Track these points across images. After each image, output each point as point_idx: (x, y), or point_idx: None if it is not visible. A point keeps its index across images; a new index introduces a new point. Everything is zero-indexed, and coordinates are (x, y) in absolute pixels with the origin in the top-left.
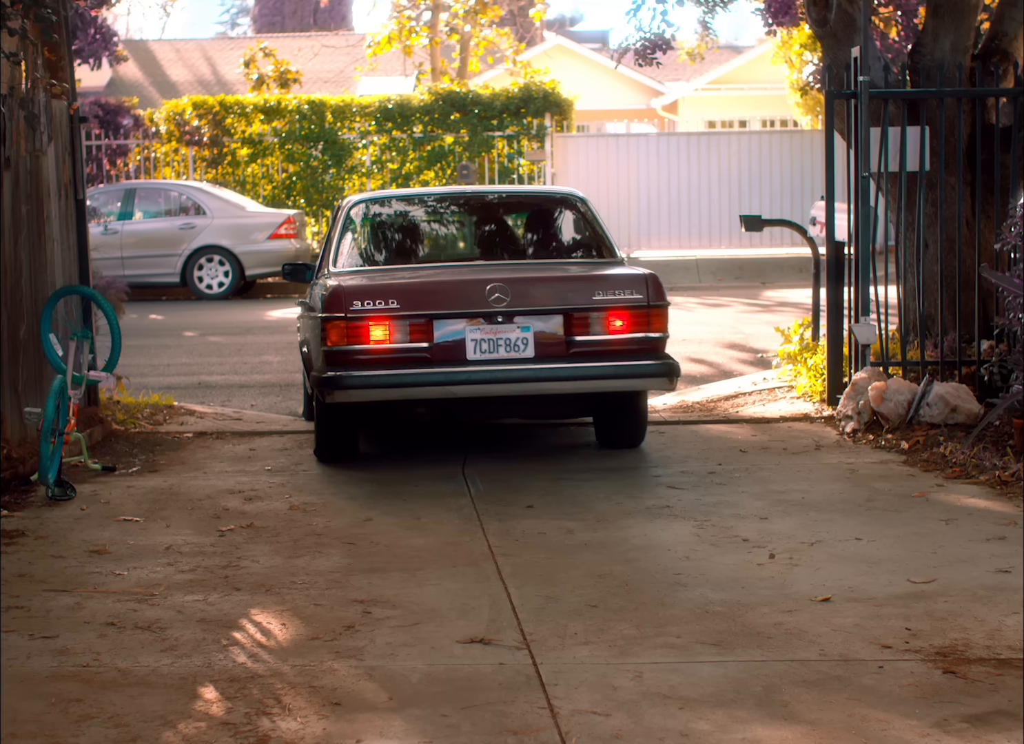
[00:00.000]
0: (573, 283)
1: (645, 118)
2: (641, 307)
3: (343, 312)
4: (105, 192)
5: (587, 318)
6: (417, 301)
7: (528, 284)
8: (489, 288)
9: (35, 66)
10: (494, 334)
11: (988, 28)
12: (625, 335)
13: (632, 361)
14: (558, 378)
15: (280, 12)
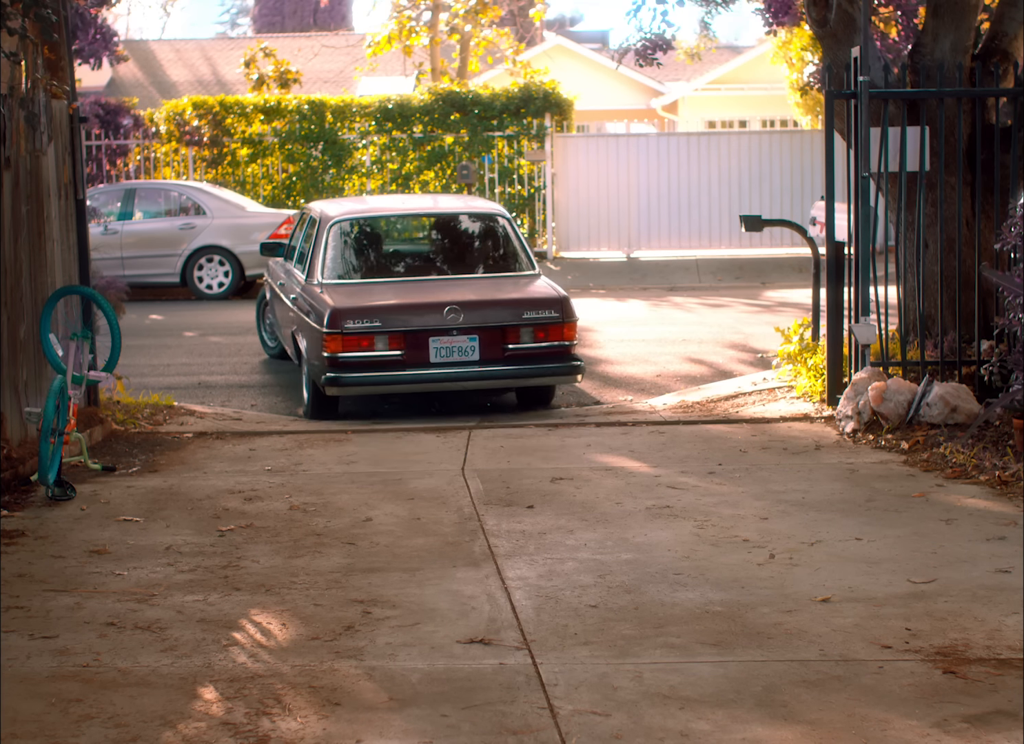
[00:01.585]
0: (508, 305)
1: (645, 118)
2: (557, 322)
3: (340, 329)
4: (105, 192)
5: (518, 331)
6: (394, 320)
7: (475, 305)
8: (447, 310)
9: (35, 66)
10: (450, 343)
11: (988, 28)
12: (546, 344)
13: (551, 364)
14: (497, 377)
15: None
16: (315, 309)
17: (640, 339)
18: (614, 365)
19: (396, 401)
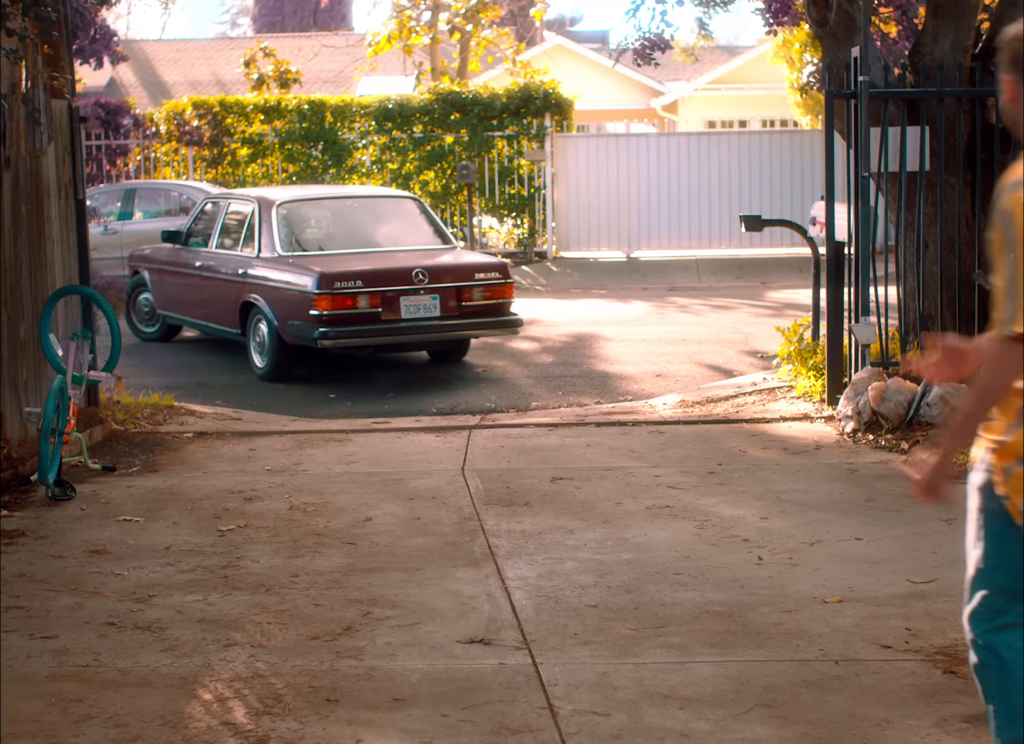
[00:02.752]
0: (463, 268)
1: (645, 118)
2: (501, 283)
3: (331, 289)
4: (105, 192)
5: (471, 290)
6: (373, 281)
7: (437, 268)
8: (415, 273)
9: (35, 65)
10: (417, 301)
11: (988, 28)
12: (492, 301)
13: (497, 317)
14: (455, 329)
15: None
16: (295, 276)
17: (640, 339)
18: (614, 365)
19: (394, 397)
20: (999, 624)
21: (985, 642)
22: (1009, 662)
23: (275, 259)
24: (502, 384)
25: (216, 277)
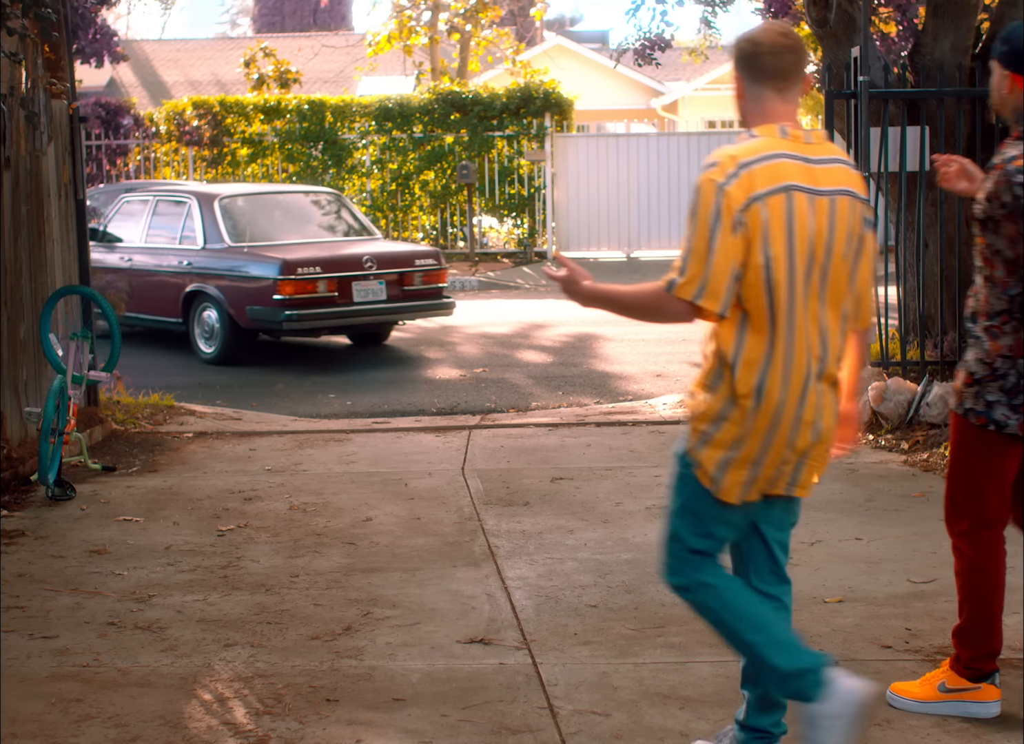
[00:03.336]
0: (406, 256)
1: (645, 118)
2: (437, 269)
3: (294, 275)
4: (105, 192)
5: (413, 276)
6: (330, 267)
7: (384, 256)
8: (364, 259)
9: (35, 65)
10: (367, 286)
11: (988, 28)
12: (430, 286)
13: (434, 300)
14: (399, 311)
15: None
16: (254, 264)
17: (640, 339)
18: (614, 365)
19: (394, 397)
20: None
21: (687, 584)
22: (716, 583)
23: (225, 250)
24: (502, 384)
25: (153, 270)
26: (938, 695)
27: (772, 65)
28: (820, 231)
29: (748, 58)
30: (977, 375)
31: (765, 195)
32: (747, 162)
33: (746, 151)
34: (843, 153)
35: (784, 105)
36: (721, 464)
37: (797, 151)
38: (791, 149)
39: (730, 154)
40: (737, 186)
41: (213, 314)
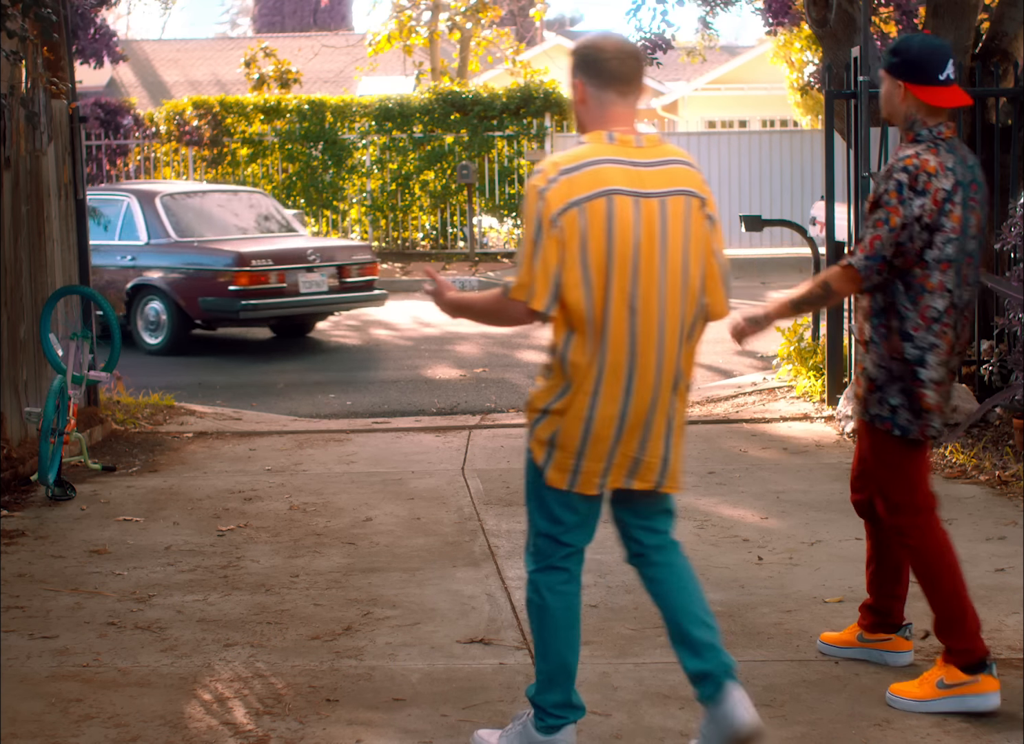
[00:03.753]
0: (345, 250)
1: (645, 118)
2: (371, 263)
3: (249, 267)
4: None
5: (351, 269)
6: (280, 260)
7: (325, 249)
8: (309, 252)
9: (35, 65)
10: (311, 278)
11: (988, 28)
12: (365, 278)
13: (369, 292)
14: (340, 302)
15: (280, 12)
16: (207, 257)
17: None
18: None
19: (394, 396)
20: (546, 565)
21: (532, 579)
22: (548, 603)
23: (172, 244)
24: (502, 384)
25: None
26: (937, 692)
27: (617, 70)
28: (650, 232)
29: (593, 63)
30: (878, 380)
31: (584, 200)
32: (568, 168)
33: (568, 158)
34: (681, 154)
35: (626, 109)
36: (547, 454)
37: (624, 156)
38: (617, 154)
39: (553, 161)
40: (555, 191)
41: (157, 306)
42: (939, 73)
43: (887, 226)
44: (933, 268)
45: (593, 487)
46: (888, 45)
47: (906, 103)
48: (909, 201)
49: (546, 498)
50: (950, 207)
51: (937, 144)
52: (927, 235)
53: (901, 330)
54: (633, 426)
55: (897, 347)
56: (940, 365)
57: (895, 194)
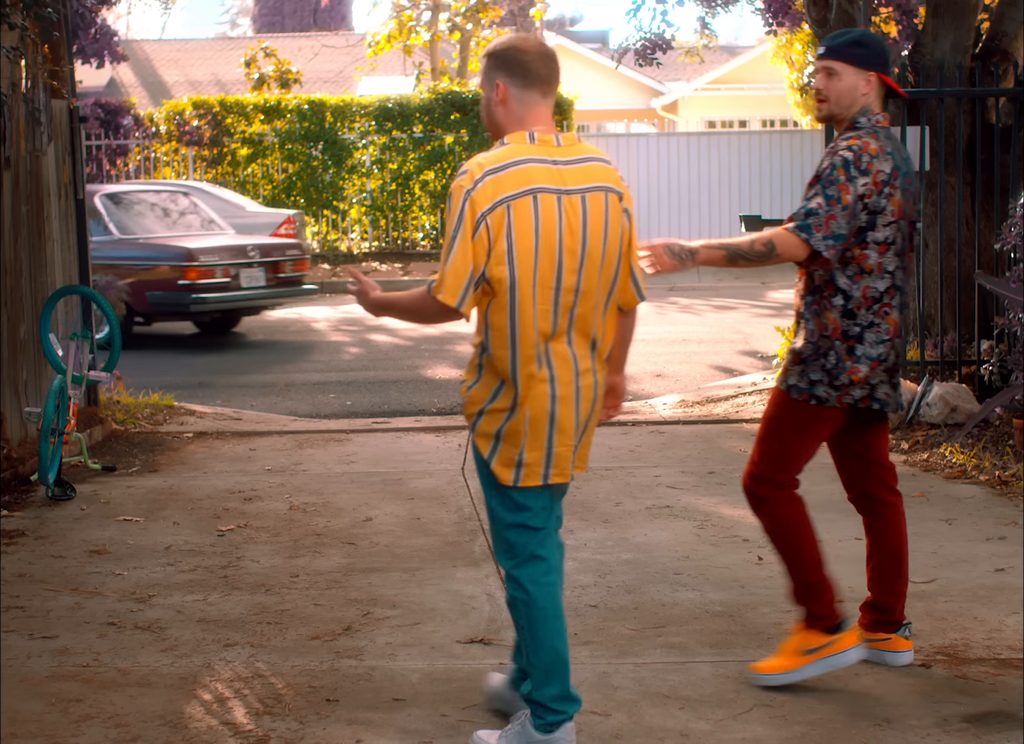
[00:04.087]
0: (280, 247)
1: (645, 118)
2: (302, 259)
3: (198, 262)
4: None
5: (285, 264)
6: (225, 255)
7: (263, 246)
8: (249, 248)
9: (35, 65)
10: (251, 273)
11: (988, 28)
12: (297, 273)
13: (301, 286)
14: (277, 296)
15: (280, 12)
16: (156, 253)
17: (640, 339)
18: None
19: (394, 396)
20: (524, 557)
21: (514, 576)
22: (534, 596)
23: (116, 241)
24: None
25: None
26: (803, 659)
27: (540, 70)
28: (572, 228)
29: (517, 65)
30: (804, 354)
31: (510, 198)
32: (493, 169)
33: (493, 159)
34: (598, 152)
35: (546, 109)
36: (491, 449)
37: (545, 155)
38: (539, 154)
39: (479, 162)
40: (481, 191)
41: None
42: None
43: (840, 205)
44: (872, 249)
45: (537, 477)
46: (841, 39)
47: (868, 94)
48: (855, 179)
49: (505, 489)
50: (890, 190)
51: (876, 131)
52: (868, 216)
53: (844, 308)
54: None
55: (837, 325)
56: (880, 343)
57: (842, 171)
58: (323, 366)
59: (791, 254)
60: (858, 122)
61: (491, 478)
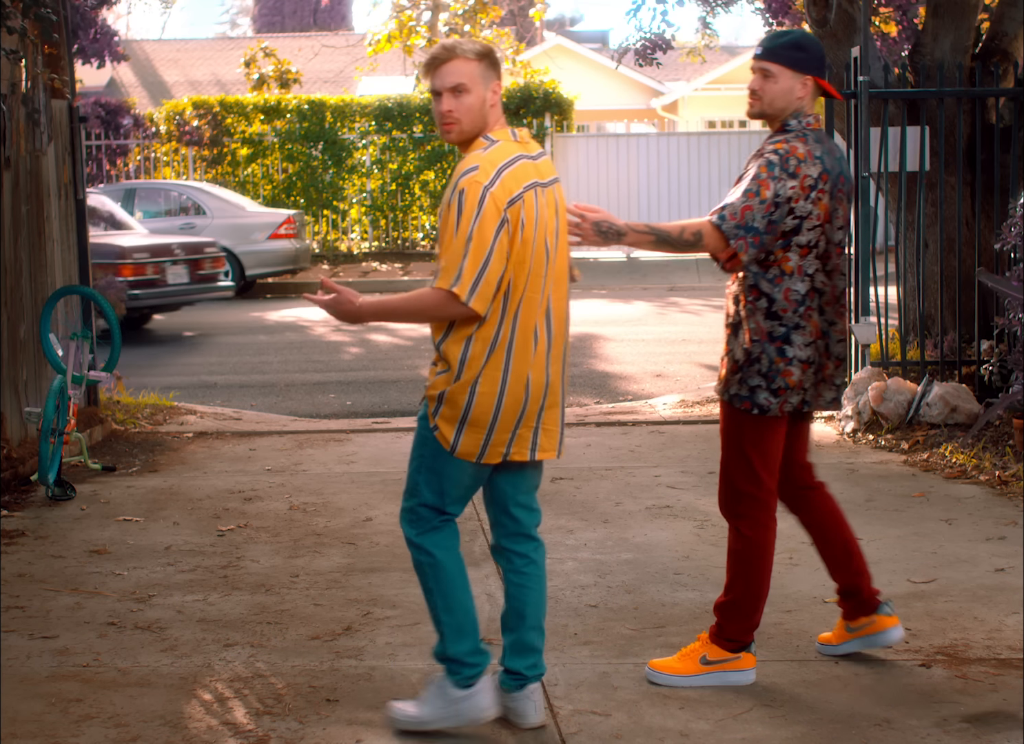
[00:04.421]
0: (200, 245)
1: (645, 118)
2: (220, 256)
3: (132, 259)
4: (105, 192)
5: (204, 262)
6: (155, 253)
7: (185, 245)
8: (173, 247)
9: (35, 65)
10: (177, 270)
11: (988, 28)
12: (217, 270)
13: (221, 282)
14: (200, 291)
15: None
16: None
17: (640, 339)
18: (614, 365)
19: (394, 396)
20: (428, 529)
21: (418, 543)
22: (440, 558)
23: None
24: None
25: None
26: (700, 668)
27: None
28: (550, 218)
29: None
30: (740, 362)
31: (521, 194)
32: (504, 165)
33: (499, 155)
34: (541, 146)
35: None
36: (457, 428)
37: (526, 151)
38: (522, 150)
39: (488, 159)
40: (501, 187)
41: None
42: None
43: (758, 198)
44: (793, 252)
45: (498, 456)
46: (780, 41)
47: (803, 98)
48: (781, 180)
49: (441, 472)
50: (817, 194)
51: (805, 134)
52: (794, 221)
53: (768, 311)
54: (532, 403)
55: (762, 328)
56: (807, 345)
57: (765, 169)
58: (323, 366)
59: (714, 245)
60: (788, 124)
61: (437, 457)
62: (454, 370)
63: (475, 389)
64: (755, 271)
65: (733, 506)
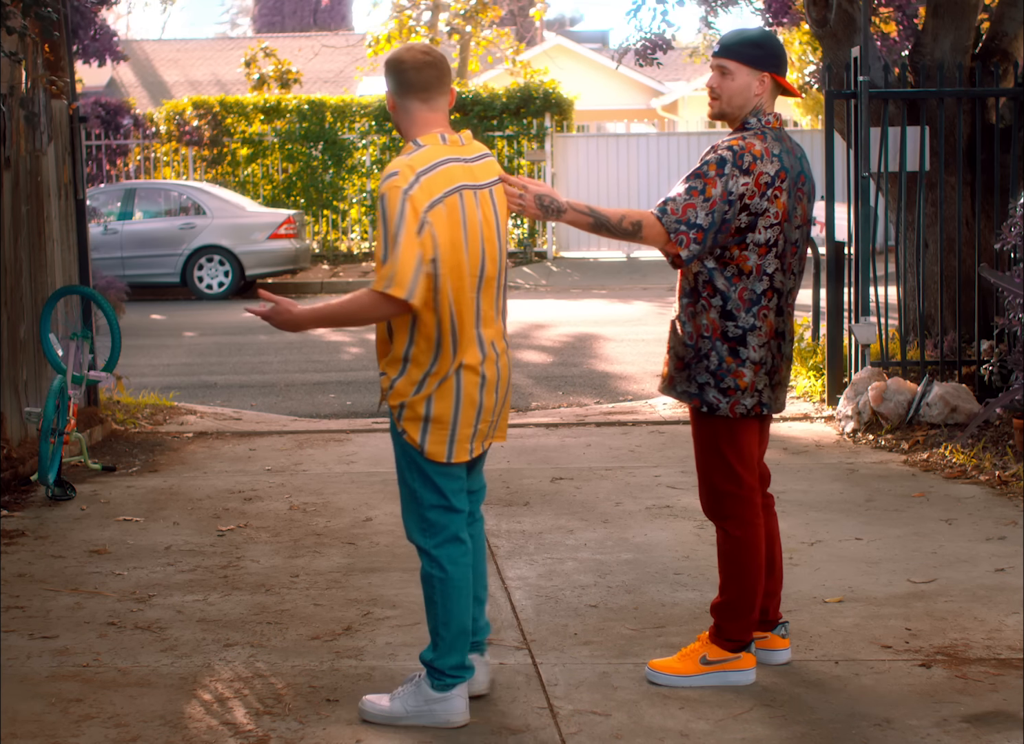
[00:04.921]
0: None
1: (645, 118)
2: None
3: None
4: (105, 192)
5: None
6: None
7: None
8: None
9: (35, 65)
10: None
11: (988, 28)
12: None
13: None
14: None
15: (280, 12)
16: None
17: (640, 339)
18: (614, 365)
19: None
20: (444, 538)
21: (435, 555)
22: (451, 575)
23: None
24: None
25: None
26: (700, 668)
27: (415, 79)
28: (487, 219)
29: (394, 74)
30: (686, 358)
31: (443, 197)
32: (424, 169)
33: (420, 160)
34: (486, 148)
35: (432, 114)
36: (421, 431)
37: (457, 154)
38: (453, 153)
39: (408, 164)
40: (419, 191)
41: None
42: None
43: (702, 196)
44: (752, 251)
45: (465, 453)
46: (738, 39)
47: (762, 95)
48: (733, 178)
49: (428, 471)
50: (775, 193)
51: (764, 132)
52: (748, 217)
53: (723, 309)
54: (487, 398)
55: (716, 325)
56: (761, 347)
57: (714, 167)
58: (323, 366)
59: (653, 239)
60: (748, 123)
61: (418, 459)
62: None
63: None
64: (711, 267)
65: (717, 508)
